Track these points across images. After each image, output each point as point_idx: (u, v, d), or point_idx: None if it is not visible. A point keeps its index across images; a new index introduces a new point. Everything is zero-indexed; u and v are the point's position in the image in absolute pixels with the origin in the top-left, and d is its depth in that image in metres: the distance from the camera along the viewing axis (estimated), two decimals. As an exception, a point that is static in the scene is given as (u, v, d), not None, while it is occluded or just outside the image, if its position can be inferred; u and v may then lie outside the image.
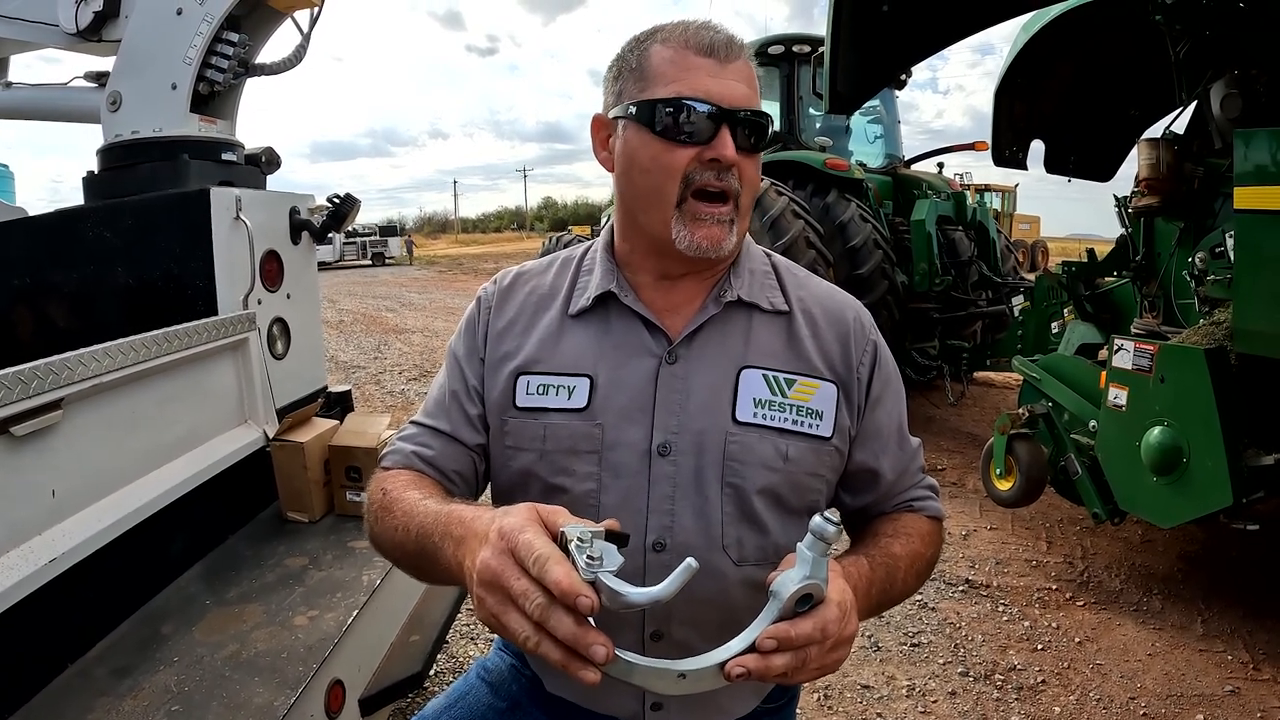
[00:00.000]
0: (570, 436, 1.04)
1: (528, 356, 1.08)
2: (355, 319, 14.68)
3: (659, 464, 1.02)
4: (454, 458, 1.11)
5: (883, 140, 8.16)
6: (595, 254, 1.16)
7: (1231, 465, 2.79)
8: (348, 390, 3.26)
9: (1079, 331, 4.53)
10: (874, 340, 1.14)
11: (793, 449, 1.04)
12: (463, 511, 0.88)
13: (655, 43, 1.03)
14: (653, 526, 1.01)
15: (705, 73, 0.99)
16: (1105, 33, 4.07)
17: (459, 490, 1.11)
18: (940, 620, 3.35)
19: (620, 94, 1.04)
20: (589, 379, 1.05)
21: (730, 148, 0.99)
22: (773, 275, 1.15)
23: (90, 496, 1.77)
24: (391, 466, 1.11)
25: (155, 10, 2.58)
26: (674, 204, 1.01)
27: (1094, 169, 4.88)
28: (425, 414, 1.15)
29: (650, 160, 1.01)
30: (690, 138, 0.99)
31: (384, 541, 1.02)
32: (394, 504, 1.00)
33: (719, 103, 0.98)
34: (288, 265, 2.71)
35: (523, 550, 0.71)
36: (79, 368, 1.68)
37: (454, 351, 1.16)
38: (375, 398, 7.85)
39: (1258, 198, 2.65)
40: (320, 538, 2.39)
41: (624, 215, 1.11)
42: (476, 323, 1.15)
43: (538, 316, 1.12)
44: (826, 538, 0.76)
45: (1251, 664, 2.96)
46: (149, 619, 1.88)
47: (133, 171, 2.57)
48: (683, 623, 1.02)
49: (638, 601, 0.70)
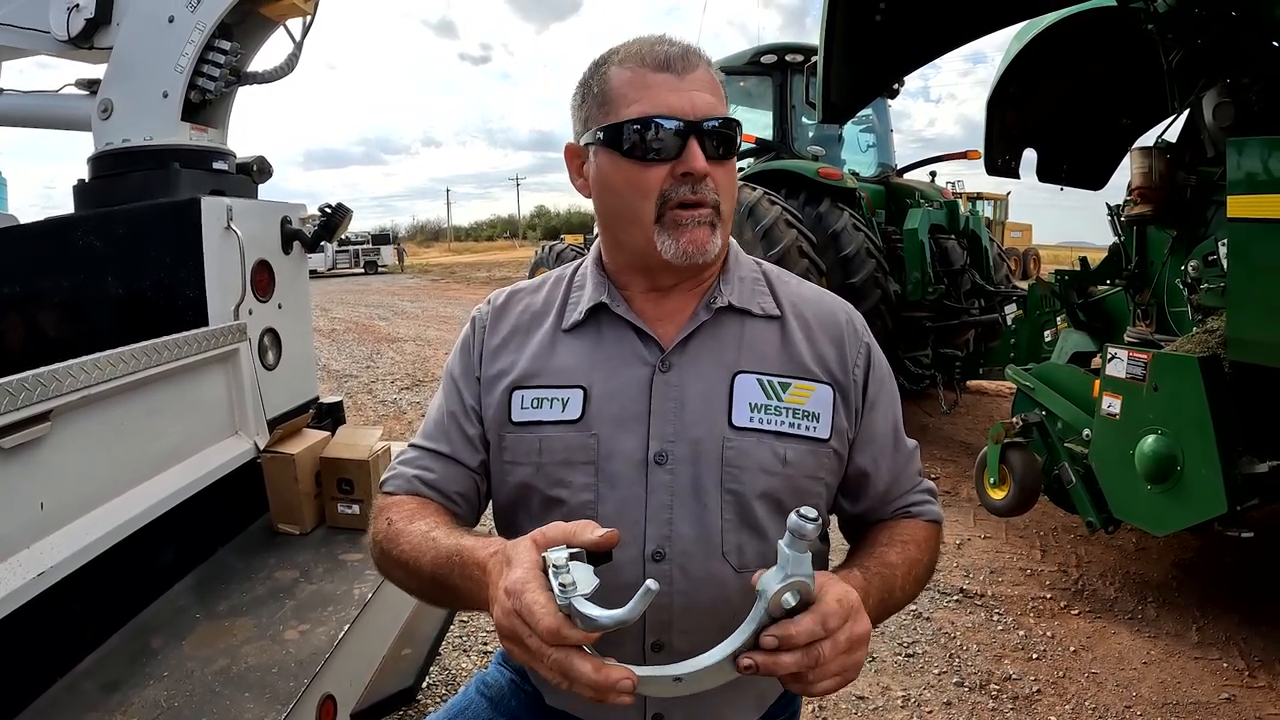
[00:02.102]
0: (565, 448, 1.04)
1: (522, 372, 1.09)
2: (348, 327, 14.64)
3: (656, 473, 1.02)
4: (456, 480, 1.11)
5: (875, 149, 8.19)
6: (586, 270, 1.16)
7: (1226, 473, 2.80)
8: (339, 401, 3.24)
9: (1072, 340, 4.54)
10: (867, 342, 1.14)
11: (791, 452, 1.03)
12: (474, 551, 0.91)
13: (612, 65, 1.03)
14: (651, 536, 1.01)
15: (665, 88, 1.00)
16: (1097, 42, 4.10)
17: (462, 511, 1.12)
18: (935, 630, 3.34)
19: (586, 120, 1.06)
20: (582, 390, 1.06)
21: (700, 159, 0.99)
22: (763, 281, 1.15)
23: (79, 509, 1.75)
24: (394, 492, 1.11)
25: (147, 18, 2.57)
26: (653, 221, 1.01)
27: (1086, 177, 4.92)
28: (425, 436, 1.15)
29: (624, 183, 1.02)
30: (659, 155, 0.99)
31: (392, 572, 1.04)
32: (400, 536, 1.01)
33: (683, 116, 0.99)
34: (279, 275, 2.70)
35: (525, 613, 0.77)
36: (68, 379, 1.66)
37: (450, 373, 1.16)
38: (368, 407, 7.82)
39: (1251, 206, 2.66)
40: (311, 550, 2.37)
41: (607, 236, 1.12)
42: (471, 343, 1.16)
43: (531, 332, 1.13)
44: (804, 534, 0.77)
45: (1247, 671, 2.96)
46: (138, 632, 1.86)
47: (124, 180, 2.55)
48: (683, 631, 1.02)
49: (606, 624, 0.75)
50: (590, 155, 1.07)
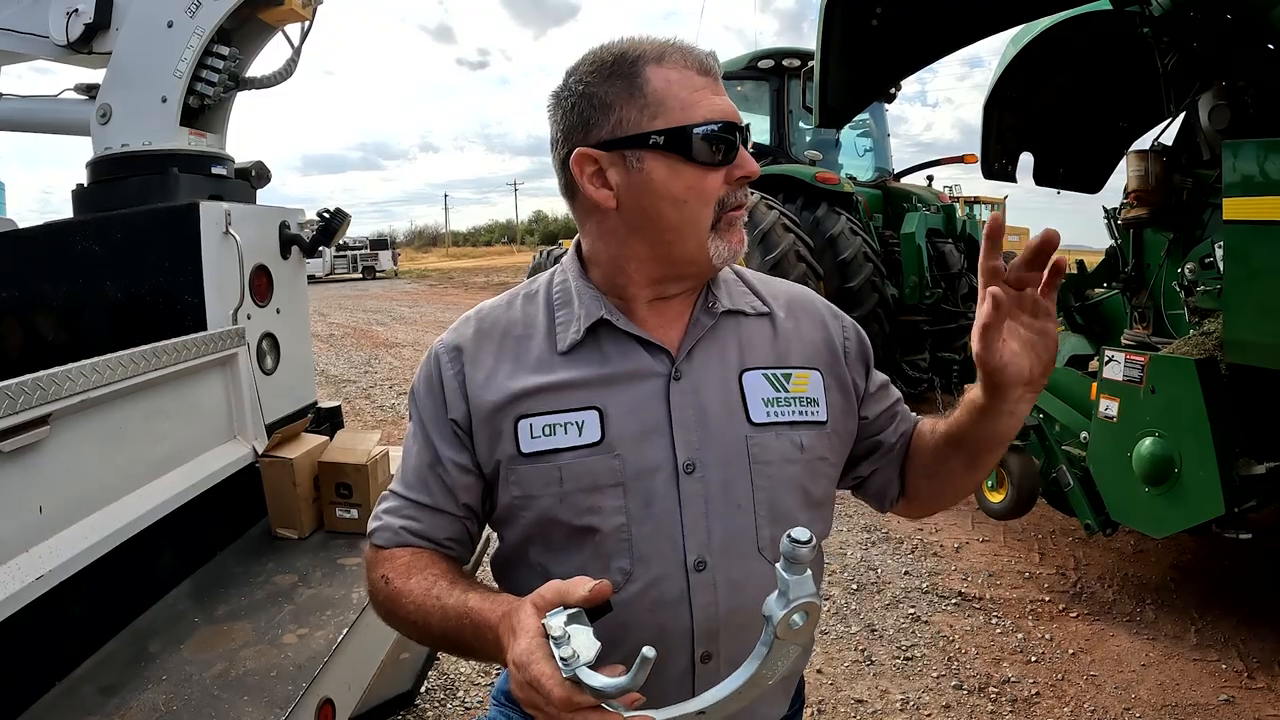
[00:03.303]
0: (590, 473, 1.00)
1: (524, 399, 1.03)
2: (346, 332, 14.64)
3: (687, 483, 1.01)
4: (443, 527, 1.08)
5: (872, 153, 8.23)
6: (567, 285, 1.10)
7: (1223, 475, 2.81)
8: (337, 406, 3.24)
9: (1069, 343, 4.56)
10: (845, 318, 1.20)
11: (805, 438, 1.06)
12: (484, 613, 0.92)
13: (648, 65, 0.98)
14: (691, 547, 1.00)
15: (711, 92, 0.99)
16: (1093, 46, 4.12)
17: (456, 553, 1.10)
18: (933, 633, 3.34)
19: (620, 123, 0.98)
20: (597, 411, 1.02)
21: (753, 163, 1.01)
22: (741, 283, 1.16)
23: (78, 512, 1.75)
24: (384, 545, 1.08)
25: (146, 23, 2.57)
26: (709, 227, 1.00)
27: (1082, 181, 4.93)
28: (405, 485, 1.10)
29: (684, 190, 0.98)
30: (724, 160, 0.99)
31: (402, 629, 1.06)
32: (401, 597, 1.01)
33: (736, 121, 1.00)
34: (277, 280, 2.70)
35: (535, 685, 0.79)
36: (66, 383, 1.66)
37: (419, 417, 1.10)
38: (366, 412, 7.81)
39: (1247, 208, 2.67)
40: (310, 554, 2.36)
41: (638, 247, 1.04)
42: (441, 382, 1.08)
43: (521, 356, 1.06)
44: (798, 558, 0.77)
45: (1246, 673, 2.96)
46: (137, 636, 1.85)
47: (122, 185, 2.55)
48: (731, 637, 1.02)
49: (610, 693, 0.77)
50: (630, 161, 0.99)
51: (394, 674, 2.05)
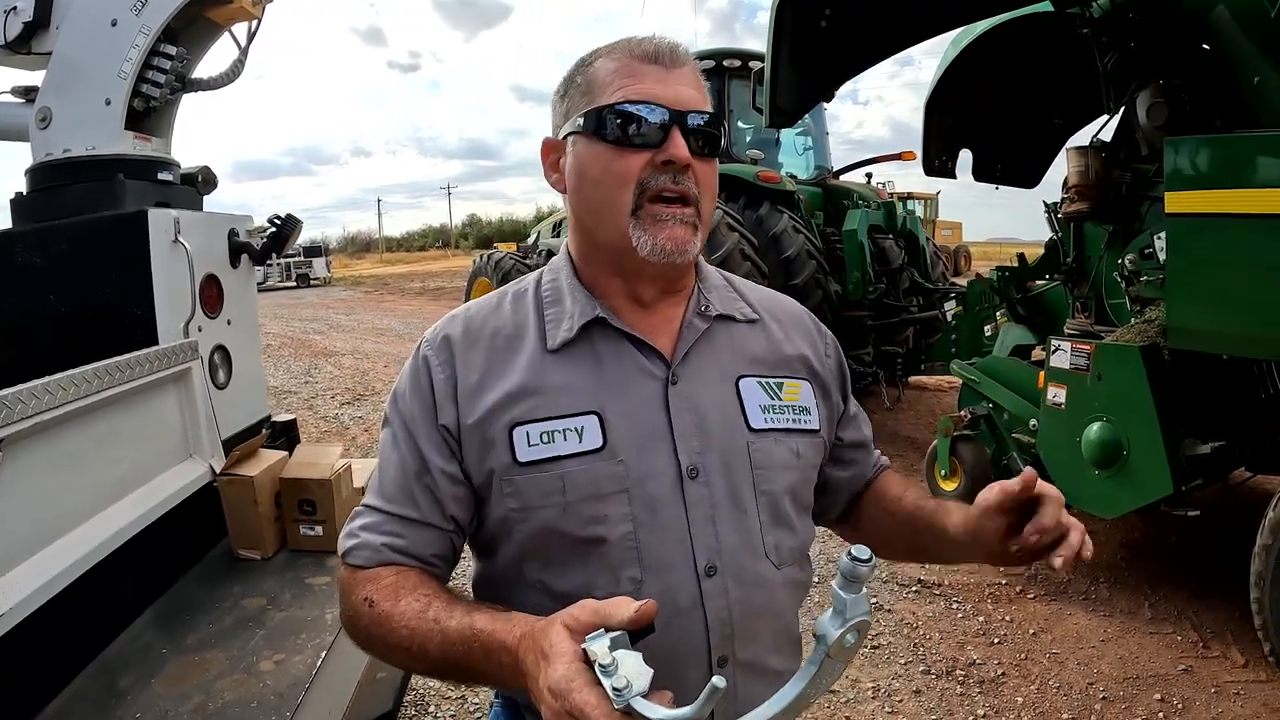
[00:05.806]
0: (593, 481, 0.96)
1: (518, 405, 0.98)
2: (283, 342, 14.21)
3: (692, 487, 0.99)
4: (430, 543, 1.00)
5: (812, 152, 8.34)
6: (558, 283, 1.07)
7: (1170, 455, 2.93)
8: (293, 420, 3.14)
9: (1012, 334, 4.69)
10: (828, 333, 1.21)
11: (800, 445, 1.07)
12: (496, 634, 0.85)
13: (600, 58, 1.01)
14: (700, 552, 0.98)
15: (652, 78, 0.98)
16: (1031, 46, 4.24)
17: (441, 572, 1.02)
18: (898, 621, 3.40)
19: (568, 112, 1.02)
20: (596, 415, 0.98)
21: (683, 148, 0.96)
22: (730, 288, 1.15)
23: (35, 545, 1.65)
24: (363, 565, 0.99)
25: (88, 21, 2.44)
26: (629, 212, 0.97)
27: (1020, 176, 5.09)
28: (384, 498, 1.01)
29: (601, 170, 0.98)
30: (641, 142, 0.96)
31: (389, 656, 0.96)
32: (390, 620, 0.92)
33: (669, 105, 0.97)
34: (227, 290, 2.60)
35: (578, 714, 0.71)
36: (18, 405, 1.56)
37: (405, 422, 1.01)
38: (309, 423, 7.58)
39: (1187, 202, 2.78)
40: (276, 575, 2.29)
41: (582, 236, 1.06)
42: (431, 384, 1.01)
43: (512, 359, 1.01)
44: (858, 577, 0.75)
45: (1201, 643, 3.10)
46: (104, 672, 1.76)
47: (64, 192, 2.42)
48: (744, 642, 1.00)
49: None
50: (568, 146, 1.02)
51: (373, 695, 1.98)
